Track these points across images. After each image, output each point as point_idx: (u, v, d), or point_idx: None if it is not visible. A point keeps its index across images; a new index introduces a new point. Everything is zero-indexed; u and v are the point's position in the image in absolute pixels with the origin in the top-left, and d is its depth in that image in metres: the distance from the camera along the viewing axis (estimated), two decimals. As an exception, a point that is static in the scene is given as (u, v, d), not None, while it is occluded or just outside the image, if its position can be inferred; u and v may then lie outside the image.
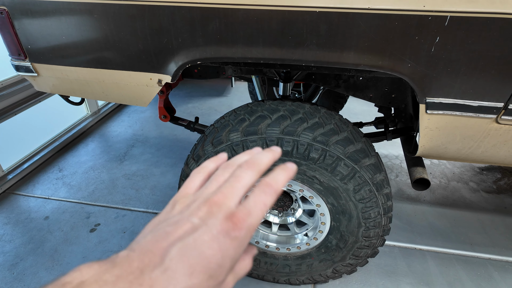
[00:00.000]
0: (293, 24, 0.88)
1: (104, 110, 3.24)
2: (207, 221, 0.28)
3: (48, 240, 1.76)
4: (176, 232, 0.27)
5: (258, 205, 0.30)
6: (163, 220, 0.31)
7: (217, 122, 1.24)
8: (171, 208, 0.32)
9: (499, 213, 1.97)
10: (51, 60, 1.14)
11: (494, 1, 0.77)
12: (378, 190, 1.11)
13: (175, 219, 0.29)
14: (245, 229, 0.29)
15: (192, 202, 0.31)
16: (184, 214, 0.30)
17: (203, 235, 0.27)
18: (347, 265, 1.33)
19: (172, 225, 0.28)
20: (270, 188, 0.31)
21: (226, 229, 0.28)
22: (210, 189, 0.32)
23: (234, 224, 0.28)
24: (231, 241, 0.28)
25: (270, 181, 0.32)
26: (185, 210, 0.30)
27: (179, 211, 0.31)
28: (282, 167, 0.34)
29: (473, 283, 1.53)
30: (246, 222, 0.29)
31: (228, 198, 0.30)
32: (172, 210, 0.32)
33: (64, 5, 0.99)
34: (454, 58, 0.85)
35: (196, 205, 0.30)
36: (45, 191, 2.16)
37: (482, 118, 0.94)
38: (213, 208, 0.29)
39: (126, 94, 1.18)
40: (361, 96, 1.41)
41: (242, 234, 0.28)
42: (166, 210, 0.33)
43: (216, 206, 0.29)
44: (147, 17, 0.96)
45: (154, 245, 0.27)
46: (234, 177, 0.32)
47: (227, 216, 0.29)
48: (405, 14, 0.81)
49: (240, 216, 0.29)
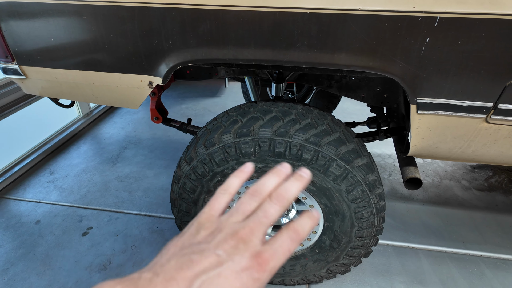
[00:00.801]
0: (284, 26, 0.87)
1: (96, 112, 3.21)
2: (233, 257, 0.28)
3: (39, 244, 1.74)
4: (201, 263, 0.27)
5: (283, 250, 0.30)
6: (187, 245, 0.30)
7: (210, 124, 1.23)
8: (195, 232, 0.32)
9: (490, 211, 2.00)
10: (39, 63, 1.13)
11: (483, 2, 0.77)
12: (371, 190, 1.11)
13: (201, 248, 0.29)
14: (268, 272, 0.29)
15: (218, 232, 0.31)
16: (210, 244, 0.29)
17: (227, 270, 0.27)
18: (341, 265, 1.33)
19: (198, 253, 0.28)
20: (297, 236, 0.32)
21: (251, 269, 0.28)
22: (237, 217, 0.32)
23: (259, 265, 0.28)
24: (253, 282, 0.28)
25: (299, 229, 0.32)
26: (211, 240, 0.30)
27: (204, 238, 0.31)
28: (309, 216, 0.34)
29: (465, 280, 1.55)
30: (270, 265, 0.29)
31: (255, 234, 0.30)
32: (197, 235, 0.31)
33: (51, 6, 0.98)
34: (444, 58, 0.86)
35: (222, 236, 0.30)
36: (36, 194, 2.13)
37: (472, 118, 0.95)
38: (240, 243, 0.29)
39: (116, 97, 1.16)
40: (354, 96, 1.41)
41: (264, 276, 0.28)
42: (190, 232, 0.32)
43: (242, 242, 0.29)
44: (137, 18, 0.95)
45: (178, 273, 0.26)
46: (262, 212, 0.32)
47: (253, 255, 0.29)
48: (395, 15, 0.82)
49: (265, 257, 0.29)
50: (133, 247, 1.72)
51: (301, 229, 0.32)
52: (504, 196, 2.12)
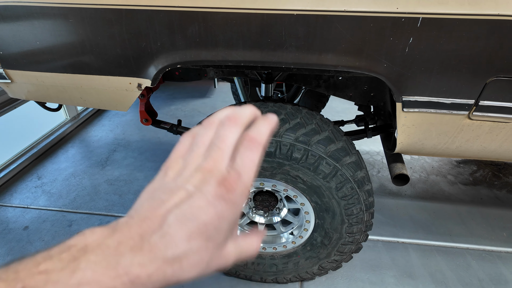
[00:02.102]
0: (272, 27, 0.89)
1: (84, 115, 3.17)
2: (202, 188, 0.29)
3: (28, 251, 1.71)
4: (172, 200, 0.28)
5: (247, 164, 0.31)
6: (157, 187, 0.31)
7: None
8: (163, 175, 0.32)
9: (475, 204, 2.06)
10: (25, 66, 1.11)
11: (463, 3, 0.80)
12: (360, 187, 1.14)
13: (170, 187, 0.30)
14: (238, 190, 0.30)
15: (184, 169, 0.31)
16: (178, 181, 0.30)
17: (198, 201, 0.28)
18: (333, 262, 1.36)
19: (168, 193, 0.29)
20: (255, 143, 0.31)
21: (220, 194, 0.29)
22: (198, 151, 0.33)
23: (227, 188, 0.29)
24: (226, 204, 0.29)
25: (254, 135, 0.32)
26: (178, 177, 0.31)
27: (172, 178, 0.31)
28: (263, 118, 0.34)
29: (452, 272, 1.59)
30: (238, 184, 0.30)
31: (218, 161, 0.30)
32: (165, 177, 0.32)
33: (37, 9, 0.96)
34: (427, 58, 0.88)
35: (188, 172, 0.31)
36: (24, 200, 2.09)
37: (455, 114, 0.98)
38: (205, 174, 0.30)
39: (105, 99, 1.16)
40: (341, 95, 1.44)
41: (235, 196, 0.29)
42: (159, 176, 0.33)
43: (208, 172, 0.30)
44: (124, 21, 0.94)
45: (151, 212, 0.27)
46: (219, 138, 0.32)
47: (219, 181, 0.29)
48: (379, 16, 0.84)
49: (231, 180, 0.29)
50: (125, 250, 1.70)
51: (257, 135, 0.32)
52: (488, 190, 2.19)
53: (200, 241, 0.27)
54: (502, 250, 1.72)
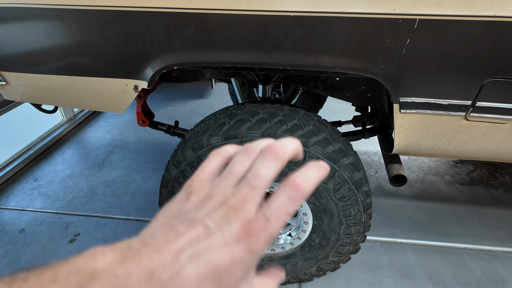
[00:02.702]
0: (268, 29, 0.88)
1: (81, 116, 3.15)
2: (223, 228, 0.26)
3: (24, 253, 1.69)
4: (188, 235, 0.26)
5: (280, 214, 0.27)
6: (176, 213, 0.29)
7: (197, 127, 1.23)
8: (185, 198, 0.30)
9: (473, 204, 2.06)
10: (20, 68, 1.10)
11: (459, 4, 0.80)
12: (357, 188, 1.14)
13: (189, 218, 0.27)
14: (262, 241, 0.26)
15: (209, 200, 0.29)
16: (199, 214, 0.28)
17: (216, 243, 0.25)
18: (331, 263, 1.36)
19: (186, 224, 0.27)
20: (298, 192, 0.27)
21: (241, 239, 0.26)
22: (228, 181, 0.30)
23: (250, 235, 0.26)
24: (245, 253, 0.26)
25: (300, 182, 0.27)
26: (200, 207, 0.28)
27: (194, 206, 0.29)
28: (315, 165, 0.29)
29: (450, 272, 1.59)
30: (263, 234, 0.26)
31: (247, 201, 0.27)
32: (186, 203, 0.29)
33: (32, 11, 0.96)
34: (424, 59, 0.88)
35: (212, 205, 0.28)
36: (20, 202, 2.07)
37: (453, 115, 0.98)
38: (230, 212, 0.27)
39: (101, 101, 1.15)
40: (339, 96, 1.44)
41: (258, 246, 0.26)
42: (180, 198, 0.30)
43: (233, 210, 0.27)
44: (120, 22, 0.94)
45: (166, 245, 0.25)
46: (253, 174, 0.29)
47: (243, 225, 0.26)
48: (376, 18, 0.84)
49: (257, 226, 0.26)
50: (122, 252, 1.69)
51: (303, 183, 0.27)
52: (485, 189, 2.20)
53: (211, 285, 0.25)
54: (499, 249, 1.73)
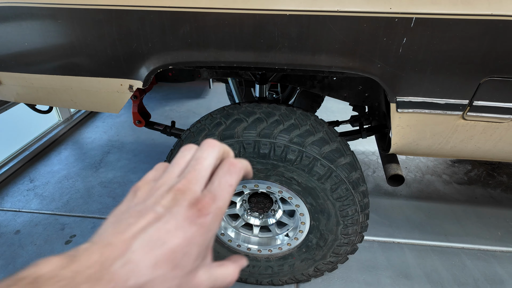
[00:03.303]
0: (264, 28, 0.88)
1: (77, 116, 3.13)
2: (171, 209, 0.27)
3: (20, 255, 1.68)
4: (139, 223, 0.26)
5: (224, 187, 0.29)
6: (125, 210, 0.29)
7: (193, 127, 1.22)
8: (132, 196, 0.31)
9: (470, 203, 2.06)
10: (13, 68, 1.09)
11: (456, 3, 0.80)
12: (355, 188, 1.13)
13: (138, 209, 0.28)
14: (212, 214, 0.28)
15: (155, 190, 0.30)
16: (147, 202, 0.28)
17: (166, 224, 0.26)
18: (328, 263, 1.35)
19: (135, 215, 0.27)
20: (235, 167, 0.30)
21: (191, 216, 0.27)
22: (173, 173, 0.31)
23: (199, 210, 0.27)
24: (197, 228, 0.27)
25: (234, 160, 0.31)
26: (147, 198, 0.29)
27: (142, 199, 0.30)
28: None
29: (448, 272, 1.59)
30: (212, 207, 0.28)
31: (192, 183, 0.29)
32: (134, 198, 0.30)
33: (24, 10, 0.94)
34: (421, 58, 0.88)
35: (159, 192, 0.29)
36: (15, 203, 2.06)
37: (450, 115, 0.98)
38: (177, 195, 0.28)
39: (96, 101, 1.14)
40: (336, 96, 1.43)
41: (208, 220, 0.27)
42: (128, 198, 0.31)
43: (180, 192, 0.28)
44: (114, 22, 0.93)
45: (115, 237, 0.25)
46: (196, 159, 0.31)
47: (192, 203, 0.27)
48: (373, 16, 0.83)
49: (205, 201, 0.28)
50: (118, 253, 1.68)
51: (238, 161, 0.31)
52: (482, 189, 2.20)
53: (167, 269, 0.25)
54: (497, 249, 1.73)
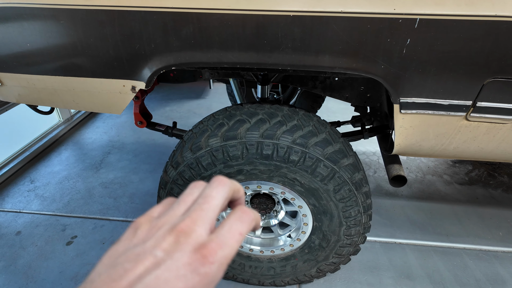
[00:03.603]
0: (267, 28, 0.87)
1: (78, 117, 3.13)
2: (173, 255, 0.25)
3: (21, 256, 1.68)
4: (135, 269, 0.24)
5: (234, 235, 0.27)
6: (122, 251, 0.27)
7: (196, 128, 1.22)
8: (132, 235, 0.28)
9: (471, 204, 2.06)
10: (15, 69, 1.08)
11: (460, 4, 0.79)
12: (357, 189, 1.13)
13: (136, 251, 0.25)
14: (217, 263, 0.25)
15: (156, 229, 0.27)
16: (147, 244, 0.26)
17: (166, 272, 0.24)
18: (331, 264, 1.35)
19: (132, 259, 0.25)
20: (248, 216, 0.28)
21: (194, 264, 0.24)
22: (177, 211, 0.29)
23: (204, 257, 0.25)
24: (200, 279, 0.24)
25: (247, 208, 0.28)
26: (147, 239, 0.26)
27: (141, 239, 0.27)
28: None
29: (450, 273, 1.59)
30: (218, 255, 0.25)
31: (197, 223, 0.26)
32: (133, 238, 0.28)
33: (26, 11, 0.94)
34: (425, 59, 0.87)
35: (160, 233, 0.26)
36: (16, 204, 2.05)
37: (453, 116, 0.97)
38: (180, 237, 0.25)
39: (98, 102, 1.13)
40: (338, 96, 1.43)
41: (213, 269, 0.25)
42: (126, 236, 0.28)
43: (183, 234, 0.26)
44: (117, 22, 0.92)
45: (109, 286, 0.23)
46: (203, 197, 0.29)
47: (196, 248, 0.25)
48: (376, 17, 0.83)
49: (211, 248, 0.25)
50: (120, 254, 1.68)
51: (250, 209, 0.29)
52: (483, 189, 2.20)
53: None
54: (499, 249, 1.73)
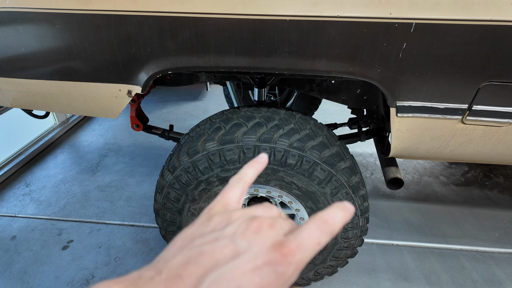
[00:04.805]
0: (264, 33, 0.87)
1: (73, 119, 3.11)
2: (252, 246, 0.24)
3: (16, 261, 1.66)
4: (213, 255, 0.23)
5: (312, 242, 0.25)
6: (198, 235, 0.26)
7: (192, 131, 1.22)
8: (208, 220, 0.27)
9: (468, 205, 2.08)
10: (9, 73, 1.07)
11: (455, 8, 0.80)
12: (355, 192, 1.13)
13: (214, 236, 0.25)
14: (295, 265, 0.24)
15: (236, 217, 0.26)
16: (226, 231, 0.25)
17: (244, 263, 0.23)
18: (328, 267, 1.35)
19: (210, 243, 0.24)
20: (328, 227, 0.26)
21: (273, 261, 0.23)
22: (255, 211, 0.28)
23: (284, 256, 0.23)
24: (276, 277, 0.23)
25: (329, 219, 0.27)
26: (227, 226, 0.26)
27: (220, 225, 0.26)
28: (341, 207, 0.28)
29: (447, 274, 1.60)
30: (296, 257, 0.24)
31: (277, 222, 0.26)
32: (209, 223, 0.27)
33: (21, 15, 0.93)
34: (421, 63, 0.88)
35: (241, 221, 0.25)
36: (11, 208, 2.03)
37: (449, 119, 0.98)
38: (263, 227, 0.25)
39: (94, 107, 1.13)
40: (334, 99, 1.43)
41: (290, 270, 0.23)
42: (201, 221, 0.27)
43: (266, 225, 0.25)
44: (113, 27, 0.92)
45: (185, 270, 0.22)
46: None
47: (275, 244, 0.24)
48: (373, 22, 0.83)
49: (291, 248, 0.24)
50: (116, 258, 1.67)
51: (332, 220, 0.27)
52: (479, 190, 2.21)
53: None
54: (495, 250, 1.74)
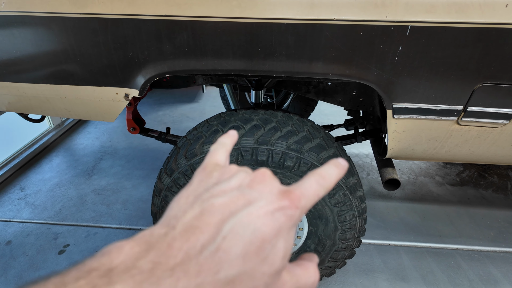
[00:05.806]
0: (261, 36, 0.88)
1: (68, 123, 3.08)
2: (263, 193, 0.25)
3: (11, 267, 1.64)
4: (226, 205, 0.23)
5: (312, 192, 0.27)
6: (202, 191, 0.26)
7: (190, 134, 1.21)
8: (207, 177, 0.28)
9: (463, 204, 2.09)
10: (5, 77, 1.06)
11: (450, 11, 0.81)
12: (352, 193, 1.14)
13: (221, 188, 0.25)
14: (300, 209, 0.25)
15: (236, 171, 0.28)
16: (232, 182, 0.26)
17: (258, 210, 0.23)
18: (326, 268, 1.35)
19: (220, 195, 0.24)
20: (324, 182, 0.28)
21: (283, 206, 0.24)
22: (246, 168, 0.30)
23: (292, 200, 0.25)
24: (285, 220, 0.24)
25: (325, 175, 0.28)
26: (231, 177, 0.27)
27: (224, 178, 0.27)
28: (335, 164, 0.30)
29: (443, 274, 1.61)
30: (302, 202, 0.26)
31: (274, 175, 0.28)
32: (210, 179, 0.27)
33: (17, 19, 0.93)
34: (417, 65, 0.89)
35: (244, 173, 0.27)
36: (6, 213, 2.01)
37: (445, 120, 0.99)
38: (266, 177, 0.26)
39: (91, 110, 1.12)
40: (331, 100, 1.44)
41: (297, 214, 0.25)
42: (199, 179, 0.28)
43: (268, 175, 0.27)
44: (110, 30, 0.92)
45: (200, 220, 0.22)
46: None
47: (282, 191, 0.26)
48: (369, 25, 0.84)
49: (296, 194, 0.26)
50: (114, 262, 1.65)
51: (327, 176, 0.28)
52: (474, 190, 2.24)
53: (256, 262, 0.22)
54: (490, 249, 1.76)
